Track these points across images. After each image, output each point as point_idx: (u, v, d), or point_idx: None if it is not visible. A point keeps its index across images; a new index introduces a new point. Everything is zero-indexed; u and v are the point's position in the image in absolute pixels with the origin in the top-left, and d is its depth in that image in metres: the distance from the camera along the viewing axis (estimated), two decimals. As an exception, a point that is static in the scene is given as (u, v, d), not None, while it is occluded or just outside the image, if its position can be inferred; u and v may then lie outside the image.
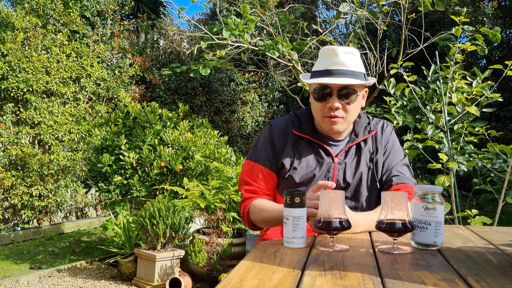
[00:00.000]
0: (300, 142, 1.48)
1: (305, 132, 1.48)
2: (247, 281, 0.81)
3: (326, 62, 1.40)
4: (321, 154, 1.46)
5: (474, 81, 2.91)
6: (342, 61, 1.37)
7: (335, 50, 1.39)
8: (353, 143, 1.48)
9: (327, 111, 1.41)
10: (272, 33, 4.20)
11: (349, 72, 1.37)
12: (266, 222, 1.46)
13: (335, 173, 1.44)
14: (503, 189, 2.64)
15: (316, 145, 1.47)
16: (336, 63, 1.37)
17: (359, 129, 1.50)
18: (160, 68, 7.37)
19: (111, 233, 4.21)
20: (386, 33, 7.97)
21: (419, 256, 1.00)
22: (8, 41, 4.95)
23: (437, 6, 3.47)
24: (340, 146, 1.48)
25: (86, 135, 5.71)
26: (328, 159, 1.45)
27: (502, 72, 2.76)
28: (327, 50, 1.42)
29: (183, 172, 4.40)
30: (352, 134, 1.50)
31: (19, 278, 3.50)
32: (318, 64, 1.44)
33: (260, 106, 8.01)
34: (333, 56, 1.39)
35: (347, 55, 1.39)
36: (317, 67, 1.43)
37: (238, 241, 3.60)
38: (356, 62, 1.41)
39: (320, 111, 1.43)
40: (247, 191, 1.51)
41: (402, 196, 1.04)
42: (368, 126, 1.51)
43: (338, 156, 1.46)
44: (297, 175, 1.44)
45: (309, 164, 1.45)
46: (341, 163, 1.45)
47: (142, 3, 9.31)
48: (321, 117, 1.43)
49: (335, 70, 1.37)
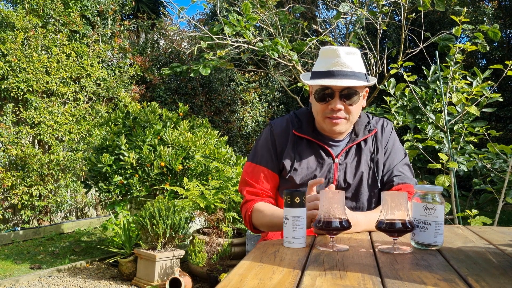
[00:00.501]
0: (300, 143, 1.47)
1: (305, 133, 1.47)
2: (247, 281, 0.81)
3: (327, 63, 1.38)
4: (322, 154, 1.45)
5: (474, 81, 2.91)
6: (344, 62, 1.36)
7: (337, 51, 1.37)
8: (353, 143, 1.46)
9: (328, 112, 1.40)
10: (272, 33, 4.20)
11: (351, 73, 1.36)
12: (269, 226, 1.45)
13: (336, 173, 1.43)
14: (503, 189, 2.64)
15: (317, 145, 1.46)
16: (338, 64, 1.36)
17: (359, 128, 1.49)
18: (160, 68, 7.37)
19: (111, 233, 4.21)
20: (386, 33, 7.97)
21: (419, 256, 1.00)
22: (8, 41, 4.95)
23: (437, 6, 3.47)
24: (341, 146, 1.47)
25: (86, 135, 5.71)
26: (329, 160, 1.44)
27: (502, 72, 2.76)
28: (328, 51, 1.40)
29: (183, 172, 4.40)
30: (352, 134, 1.49)
31: (19, 278, 3.50)
32: (318, 64, 1.43)
33: (260, 106, 8.01)
34: (334, 57, 1.37)
35: (349, 56, 1.37)
36: (318, 68, 1.42)
37: (238, 241, 3.59)
38: (357, 62, 1.39)
39: (321, 112, 1.41)
40: (249, 192, 1.50)
41: (402, 196, 1.04)
42: (368, 126, 1.50)
43: (339, 156, 1.45)
44: (298, 176, 1.43)
45: (309, 165, 1.44)
46: (342, 163, 1.44)
47: (142, 3, 9.31)
48: (322, 118, 1.42)
49: (337, 71, 1.36)
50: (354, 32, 4.14)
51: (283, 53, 3.55)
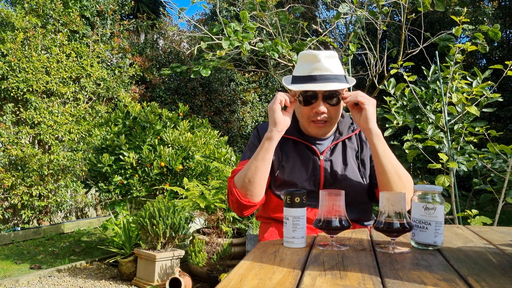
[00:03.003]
0: (286, 143, 1.53)
1: (290, 134, 1.52)
2: (247, 281, 0.82)
3: (308, 67, 1.42)
4: (308, 153, 1.51)
5: (474, 81, 2.91)
6: (325, 66, 1.40)
7: (317, 56, 1.41)
8: (337, 140, 1.53)
9: (313, 115, 1.45)
10: (272, 33, 4.20)
11: (332, 77, 1.40)
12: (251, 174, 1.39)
13: (322, 169, 1.49)
14: (503, 189, 2.64)
15: (302, 145, 1.53)
16: (319, 69, 1.40)
17: (342, 128, 1.56)
18: (160, 68, 7.37)
19: (111, 233, 4.21)
20: (386, 33, 7.97)
21: (419, 256, 1.00)
22: (8, 41, 4.95)
23: (437, 7, 3.47)
24: (325, 144, 1.54)
25: (86, 135, 5.71)
26: (314, 157, 1.50)
27: (502, 72, 2.76)
28: (307, 56, 1.43)
29: (183, 172, 4.40)
30: (337, 133, 1.55)
31: (19, 278, 3.50)
32: (299, 69, 1.46)
33: (260, 106, 8.01)
34: (314, 62, 1.41)
35: (328, 59, 1.41)
36: (299, 72, 1.45)
37: (238, 241, 3.59)
38: (337, 65, 1.43)
39: (306, 116, 1.47)
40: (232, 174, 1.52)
41: (400, 196, 1.04)
42: (351, 126, 1.58)
43: (324, 153, 1.51)
44: (285, 173, 1.49)
45: (296, 163, 1.50)
46: (327, 160, 1.50)
47: (142, 3, 9.31)
48: (307, 122, 1.49)
49: (319, 75, 1.40)
50: (354, 32, 4.14)
51: (283, 53, 3.55)
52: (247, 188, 1.40)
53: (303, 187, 1.47)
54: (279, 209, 1.48)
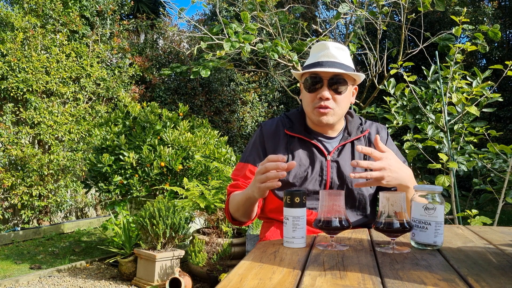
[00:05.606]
0: (292, 142, 1.48)
1: (297, 132, 1.48)
2: (247, 281, 0.81)
3: (316, 55, 1.43)
4: (314, 152, 1.46)
5: (474, 81, 2.91)
6: (332, 53, 1.41)
7: (326, 44, 1.43)
8: (346, 141, 1.48)
9: (317, 102, 1.41)
10: (272, 33, 4.20)
11: (338, 64, 1.40)
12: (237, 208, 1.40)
13: (329, 170, 1.44)
14: (503, 189, 2.64)
15: (309, 143, 1.47)
16: (327, 55, 1.41)
17: (351, 128, 1.51)
18: (159, 68, 7.37)
19: (111, 233, 4.21)
20: (386, 33, 7.97)
21: (419, 256, 1.00)
22: (7, 41, 4.95)
23: (437, 7, 3.47)
24: (333, 144, 1.49)
25: (86, 135, 5.71)
26: (321, 157, 1.45)
27: (502, 72, 2.76)
28: (318, 45, 1.46)
29: (183, 172, 4.40)
30: (345, 133, 1.50)
31: (19, 278, 3.50)
32: (309, 59, 1.48)
33: (260, 106, 8.01)
34: (323, 49, 1.42)
35: (337, 50, 1.42)
36: (309, 61, 1.47)
37: (238, 241, 3.59)
38: (346, 57, 1.43)
39: (310, 103, 1.44)
40: (231, 186, 1.51)
41: (400, 196, 1.04)
42: (360, 127, 1.53)
43: (331, 154, 1.46)
44: (290, 174, 1.43)
45: (302, 163, 1.45)
46: (334, 161, 1.45)
47: (142, 3, 9.31)
48: (311, 109, 1.44)
49: (326, 61, 1.40)
50: (354, 32, 4.14)
51: (283, 53, 3.55)
52: (236, 216, 1.45)
53: (308, 189, 1.43)
54: (280, 210, 1.46)
